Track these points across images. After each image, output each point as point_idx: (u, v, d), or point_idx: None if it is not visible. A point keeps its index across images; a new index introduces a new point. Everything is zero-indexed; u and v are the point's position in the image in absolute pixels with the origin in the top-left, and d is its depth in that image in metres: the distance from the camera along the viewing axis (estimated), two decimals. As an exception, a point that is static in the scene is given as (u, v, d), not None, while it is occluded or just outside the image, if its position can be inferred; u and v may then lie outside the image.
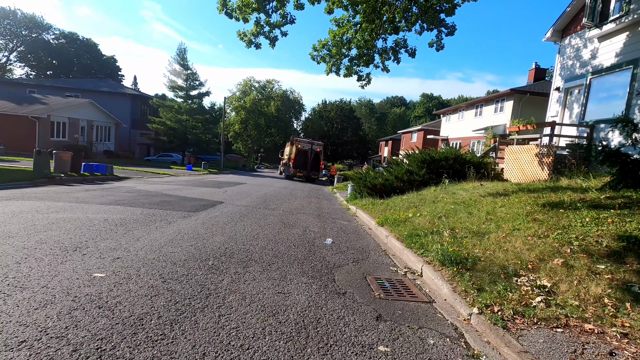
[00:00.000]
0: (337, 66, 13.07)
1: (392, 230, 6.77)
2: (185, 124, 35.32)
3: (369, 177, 12.64)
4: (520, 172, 11.75)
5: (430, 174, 11.78)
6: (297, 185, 21.53)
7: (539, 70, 29.69)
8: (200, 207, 8.37)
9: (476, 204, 7.08)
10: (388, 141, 58.80)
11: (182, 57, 36.10)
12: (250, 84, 63.46)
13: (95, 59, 59.78)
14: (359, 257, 5.27)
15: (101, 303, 2.74)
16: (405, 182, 11.74)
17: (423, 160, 11.77)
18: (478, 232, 5.29)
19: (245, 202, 10.34)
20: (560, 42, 13.89)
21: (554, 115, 13.92)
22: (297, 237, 6.11)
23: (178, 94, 36.83)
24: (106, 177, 15.01)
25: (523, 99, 24.17)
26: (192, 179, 18.29)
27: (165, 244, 4.71)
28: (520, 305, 3.24)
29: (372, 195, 12.11)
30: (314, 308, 3.15)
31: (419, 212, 7.59)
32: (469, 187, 9.55)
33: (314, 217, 8.89)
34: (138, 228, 5.47)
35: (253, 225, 6.78)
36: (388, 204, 9.94)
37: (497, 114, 25.71)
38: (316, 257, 4.97)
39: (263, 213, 8.50)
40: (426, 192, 10.20)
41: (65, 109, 29.61)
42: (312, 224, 7.78)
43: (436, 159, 11.75)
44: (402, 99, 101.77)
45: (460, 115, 31.90)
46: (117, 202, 8.00)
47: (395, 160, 12.82)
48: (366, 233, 7.44)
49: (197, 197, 10.15)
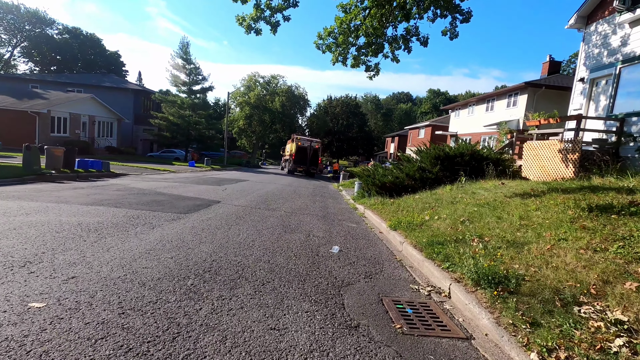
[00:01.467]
0: (343, 55, 12.19)
1: (408, 235, 5.94)
2: (188, 120, 34.62)
3: (378, 174, 11.79)
4: (541, 169, 10.81)
5: (444, 172, 10.90)
6: (301, 182, 20.75)
7: (553, 63, 28.40)
8: (194, 207, 7.60)
9: (503, 206, 6.21)
10: (394, 137, 57.73)
11: (185, 52, 35.35)
12: (254, 79, 62.65)
13: (99, 54, 59.33)
14: (372, 270, 4.45)
15: (16, 357, 1.95)
16: (417, 180, 10.88)
17: (436, 157, 10.89)
18: (514, 242, 4.44)
19: (245, 201, 9.56)
20: (585, 29, 12.84)
21: (578, 109, 12.91)
22: (299, 245, 5.30)
23: (181, 89, 36.12)
24: (102, 173, 14.33)
25: (538, 93, 23.07)
26: (192, 176, 17.58)
27: (139, 255, 3.93)
28: (594, 350, 2.41)
29: (381, 194, 11.26)
30: (317, 354, 2.34)
31: (437, 215, 6.74)
32: (489, 185, 8.67)
33: (318, 218, 8.08)
34: (113, 235, 4.70)
35: (250, 229, 5.98)
36: (399, 204, 9.10)
37: (510, 109, 24.63)
38: (321, 271, 4.16)
39: (263, 214, 7.70)
40: (441, 192, 9.33)
41: (66, 104, 29.05)
42: (317, 227, 6.97)
43: (451, 155, 10.85)
44: (408, 94, 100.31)
45: (470, 110, 30.82)
46: (102, 202, 7.25)
47: (406, 156, 11.98)
48: (377, 238, 6.61)
49: (192, 196, 9.39)
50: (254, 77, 62.63)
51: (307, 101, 64.34)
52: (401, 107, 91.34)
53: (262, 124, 59.59)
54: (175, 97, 35.67)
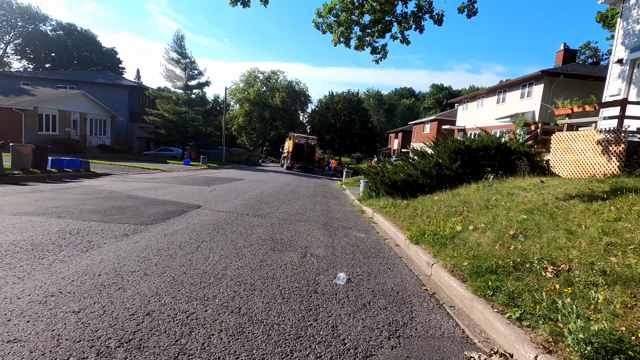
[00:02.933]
0: (346, 36, 10.61)
1: (437, 253, 4.42)
2: (184, 116, 33.11)
3: (387, 171, 10.25)
4: (574, 164, 9.21)
5: (464, 168, 9.35)
6: (301, 180, 19.23)
7: (568, 52, 26.57)
8: (163, 215, 6.11)
9: (563, 213, 4.67)
10: (398, 133, 56.07)
11: (180, 45, 33.77)
12: (254, 75, 61.07)
13: (95, 50, 57.91)
14: (397, 318, 2.94)
15: None
16: (434, 178, 9.33)
17: (456, 151, 9.33)
18: (616, 276, 2.91)
19: (231, 205, 8.04)
20: (623, 3, 11.22)
21: (615, 94, 11.30)
22: (291, 273, 3.79)
23: (176, 85, 34.51)
24: (79, 173, 12.87)
25: (555, 82, 21.42)
26: (183, 175, 16.11)
27: (24, 310, 2.43)
28: None
29: (391, 194, 9.73)
30: None
31: (471, 224, 5.21)
32: (526, 184, 7.12)
33: (319, 227, 6.57)
34: (16, 264, 3.21)
35: (225, 248, 4.47)
36: (416, 207, 7.58)
37: (524, 100, 22.97)
38: (319, 327, 2.65)
39: (249, 223, 6.19)
40: (465, 192, 7.79)
41: (55, 101, 27.64)
42: (316, 239, 5.45)
43: (473, 149, 9.29)
44: (410, 90, 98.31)
45: (479, 103, 29.17)
46: (47, 210, 5.77)
47: (420, 151, 10.44)
48: (394, 255, 5.09)
49: (169, 200, 7.90)
50: (253, 73, 61.04)
51: (308, 97, 62.73)
52: (404, 102, 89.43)
53: (262, 120, 58.04)
54: (171, 93, 34.13)
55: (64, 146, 25.72)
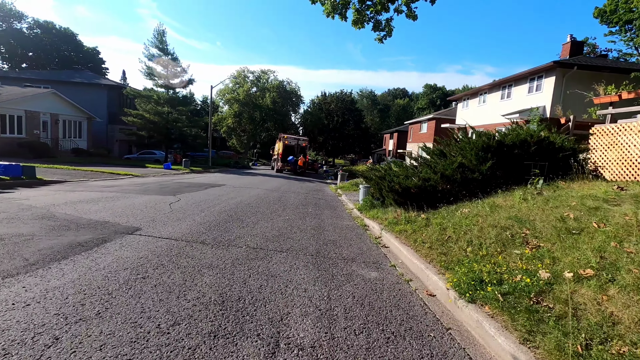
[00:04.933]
0: (342, 5, 8.49)
1: (530, 338, 2.30)
2: (167, 117, 30.72)
3: (396, 175, 8.11)
4: (629, 164, 7.15)
5: (494, 170, 7.25)
6: (291, 184, 17.04)
7: (575, 44, 24.71)
8: (64, 250, 3.88)
9: None
10: (393, 134, 54.12)
11: (161, 41, 31.35)
12: (243, 74, 58.75)
13: (75, 50, 55.05)
14: None
15: None
16: (457, 183, 7.23)
17: (484, 147, 7.22)
18: None
19: (187, 225, 5.81)
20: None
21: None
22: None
23: (157, 83, 32.02)
24: (19, 181, 10.53)
25: (568, 75, 19.53)
26: (153, 182, 13.81)
27: None
28: None
29: (402, 204, 7.59)
30: None
31: (559, 264, 3.10)
32: (600, 192, 5.03)
33: (306, 262, 4.38)
34: None
35: (118, 339, 2.28)
36: (442, 225, 5.46)
37: (532, 95, 21.07)
38: None
39: (197, 262, 3.99)
40: (507, 202, 5.68)
41: (20, 100, 25.06)
42: (300, 298, 3.27)
43: (507, 145, 7.19)
44: (404, 90, 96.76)
45: (481, 99, 27.27)
46: None
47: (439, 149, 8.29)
48: (436, 324, 2.93)
49: (99, 220, 5.66)
50: (242, 73, 58.70)
51: (300, 97, 60.54)
52: (398, 102, 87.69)
53: (253, 122, 55.69)
54: (151, 92, 31.65)
55: (30, 149, 23.22)
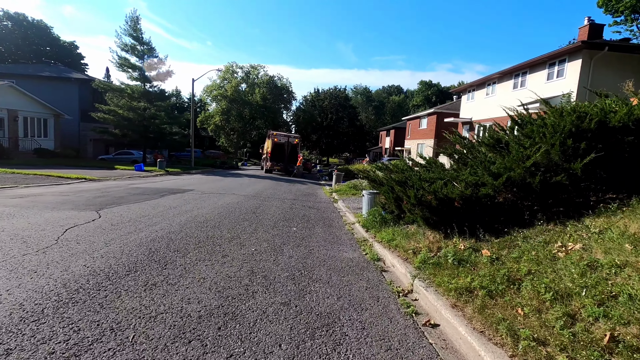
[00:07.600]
0: None
1: None
2: (143, 113, 27.57)
3: (424, 179, 5.33)
4: None
5: (594, 168, 4.48)
6: (278, 187, 14.23)
7: (594, 27, 21.98)
8: None
9: None
10: (389, 131, 51.52)
11: (135, 29, 28.07)
12: (232, 69, 55.63)
13: (51, 44, 51.45)
14: None
15: None
16: (533, 193, 4.50)
17: (576, 133, 4.50)
18: None
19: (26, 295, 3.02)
20: None
21: None
22: None
23: (132, 76, 28.75)
24: None
25: (596, 57, 16.93)
26: (96, 188, 10.87)
27: None
28: None
29: (437, 225, 4.83)
30: None
31: None
32: None
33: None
34: None
35: None
36: (544, 283, 2.73)
37: (552, 82, 18.41)
38: None
39: None
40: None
41: (-31, 95, 21.88)
42: None
43: (615, 127, 4.47)
44: (399, 87, 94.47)
45: (489, 90, 24.63)
46: None
47: (483, 140, 5.55)
48: None
49: None
50: (231, 68, 55.51)
51: (291, 93, 57.50)
52: (393, 99, 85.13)
53: (242, 119, 52.52)
54: (125, 86, 28.42)
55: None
